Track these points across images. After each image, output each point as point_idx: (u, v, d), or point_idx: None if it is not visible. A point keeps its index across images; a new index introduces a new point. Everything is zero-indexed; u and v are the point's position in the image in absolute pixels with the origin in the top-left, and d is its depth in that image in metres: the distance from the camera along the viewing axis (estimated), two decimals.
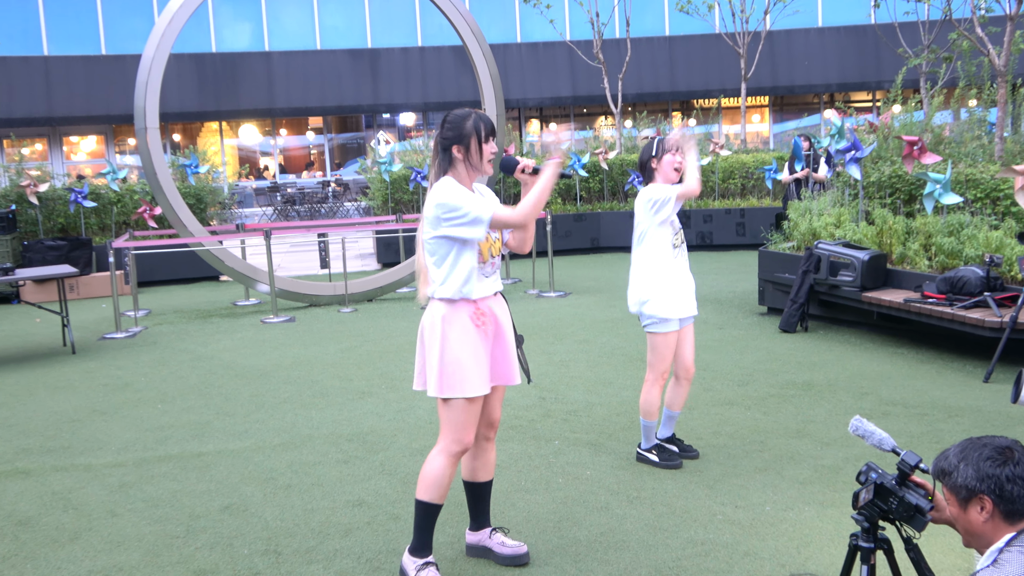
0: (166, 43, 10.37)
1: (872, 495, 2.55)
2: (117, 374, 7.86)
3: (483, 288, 3.68)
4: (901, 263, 8.07)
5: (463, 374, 3.59)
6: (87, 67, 25.76)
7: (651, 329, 4.91)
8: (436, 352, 3.61)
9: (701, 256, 14.30)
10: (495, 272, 3.77)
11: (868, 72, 28.03)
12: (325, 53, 27.28)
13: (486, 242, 3.67)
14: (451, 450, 3.67)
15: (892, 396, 6.23)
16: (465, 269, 3.62)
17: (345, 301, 11.18)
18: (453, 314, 3.62)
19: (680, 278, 4.90)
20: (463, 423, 3.65)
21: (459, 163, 3.67)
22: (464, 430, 3.66)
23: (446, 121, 3.70)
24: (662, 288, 4.83)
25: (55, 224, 13.90)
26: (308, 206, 25.75)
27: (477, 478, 3.94)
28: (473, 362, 3.61)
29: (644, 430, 5.04)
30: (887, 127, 9.67)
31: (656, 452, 5.05)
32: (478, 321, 3.64)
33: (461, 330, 3.61)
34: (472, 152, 3.65)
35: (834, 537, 4.02)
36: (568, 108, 30.04)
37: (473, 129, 3.65)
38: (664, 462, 4.98)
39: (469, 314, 3.63)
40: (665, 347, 4.88)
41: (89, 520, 4.57)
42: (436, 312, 3.66)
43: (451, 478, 3.70)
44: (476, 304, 3.66)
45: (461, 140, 3.65)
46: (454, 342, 3.60)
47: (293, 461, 5.35)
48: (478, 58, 11.84)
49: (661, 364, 4.90)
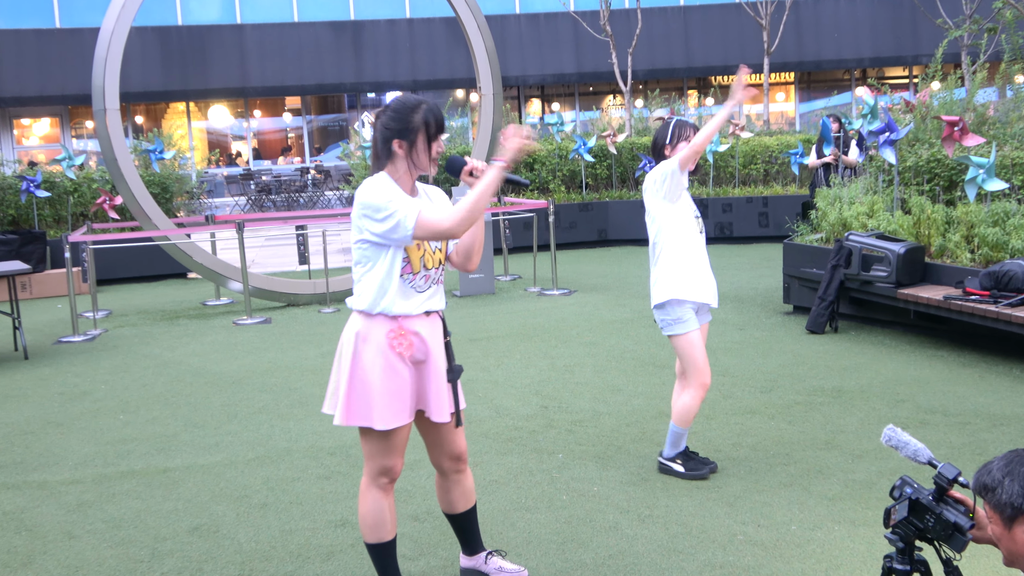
0: (127, 15, 10.38)
1: (907, 512, 2.56)
2: (74, 381, 7.86)
3: (408, 305, 3.50)
4: (940, 256, 8.08)
5: (370, 402, 3.46)
6: (39, 41, 25.75)
7: (669, 332, 4.93)
8: (345, 373, 3.50)
9: (720, 249, 14.32)
10: (432, 288, 3.59)
11: (904, 45, 28.05)
12: (303, 26, 27.28)
13: (418, 250, 3.52)
14: (378, 482, 3.59)
15: (930, 403, 6.24)
16: (384, 279, 3.47)
17: (326, 300, 11.19)
18: (368, 331, 3.49)
19: (701, 262, 4.92)
20: (382, 451, 3.55)
21: (399, 159, 3.52)
22: (385, 457, 3.55)
23: (390, 108, 3.54)
24: (679, 268, 4.86)
25: (5, 216, 13.91)
26: (285, 195, 25.78)
27: (456, 509, 3.88)
28: (383, 389, 3.46)
29: (672, 436, 5.07)
30: (925, 106, 9.68)
31: (682, 460, 5.07)
32: (395, 343, 3.48)
33: (375, 351, 3.47)
34: (418, 149, 3.51)
35: (866, 559, 4.03)
36: (572, 86, 30.08)
37: (422, 123, 3.50)
38: (691, 472, 5.00)
39: (386, 333, 3.48)
40: (691, 347, 4.90)
41: (44, 543, 4.57)
42: (352, 326, 3.54)
43: (391, 509, 3.64)
44: (398, 323, 3.50)
45: (405, 134, 3.50)
46: (366, 364, 3.47)
47: (269, 477, 5.36)
48: (472, 31, 11.85)
49: (697, 372, 4.92)
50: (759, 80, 21.92)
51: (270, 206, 25.58)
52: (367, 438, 3.54)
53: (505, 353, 8.15)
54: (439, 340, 3.60)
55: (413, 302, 3.52)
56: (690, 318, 4.89)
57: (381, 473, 3.57)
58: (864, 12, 28.21)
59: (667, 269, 4.89)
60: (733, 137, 15.61)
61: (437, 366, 3.57)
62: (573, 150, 15.15)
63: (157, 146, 14.67)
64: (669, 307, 4.89)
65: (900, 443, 2.66)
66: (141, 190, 10.75)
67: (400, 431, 3.54)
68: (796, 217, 11.89)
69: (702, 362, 4.93)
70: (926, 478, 2.79)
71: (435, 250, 3.59)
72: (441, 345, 3.61)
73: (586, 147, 15.03)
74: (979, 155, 8.03)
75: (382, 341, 3.47)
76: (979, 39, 17.30)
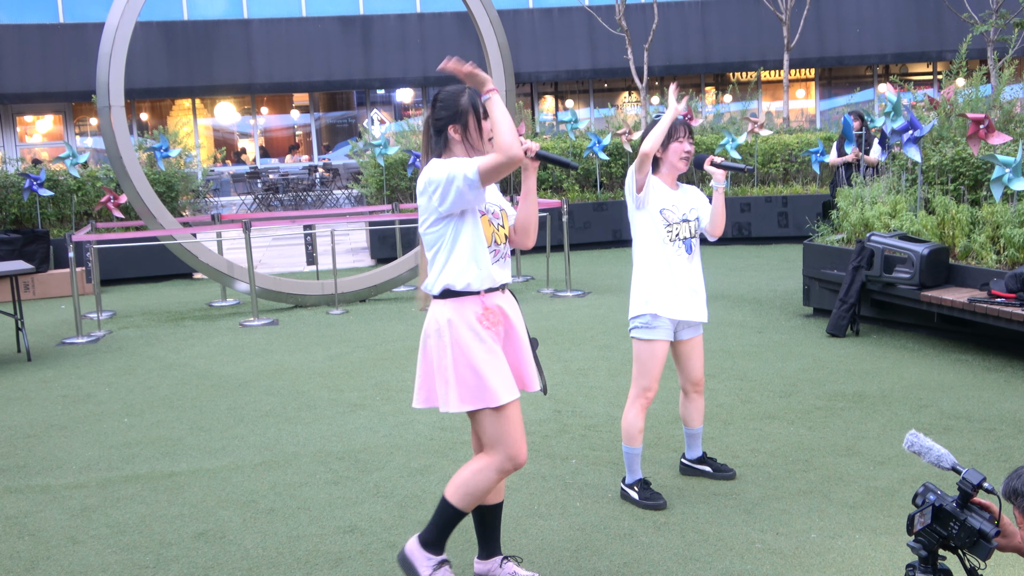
0: (132, 10, 10.42)
1: (930, 519, 2.56)
2: (78, 384, 7.91)
3: (489, 276, 3.67)
4: (965, 258, 8.06)
5: (481, 382, 3.60)
6: (43, 37, 25.87)
7: (633, 334, 4.81)
8: (447, 361, 3.62)
9: (738, 250, 14.30)
10: (501, 262, 3.77)
11: (928, 40, 27.94)
12: (311, 21, 27.34)
13: (489, 225, 3.70)
14: (504, 468, 3.68)
15: (955, 409, 6.23)
16: (467, 250, 3.63)
17: (335, 302, 11.22)
18: (458, 315, 3.63)
19: (677, 276, 4.76)
20: (506, 436, 3.65)
21: (456, 144, 3.70)
22: (513, 444, 3.66)
23: (438, 100, 3.72)
24: (650, 283, 4.76)
25: (7, 215, 13.98)
26: (293, 194, 25.83)
27: (486, 500, 3.93)
28: (490, 367, 3.61)
29: (626, 459, 4.89)
30: (949, 103, 9.65)
31: (638, 489, 4.86)
32: (484, 320, 3.65)
33: (470, 332, 3.62)
34: (471, 130, 3.68)
35: (888, 568, 4.03)
36: (587, 83, 30.06)
37: (470, 104, 3.68)
38: (644, 501, 4.80)
39: (476, 315, 3.63)
40: (649, 357, 4.75)
41: (47, 548, 4.60)
42: (439, 315, 3.66)
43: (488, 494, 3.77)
44: (482, 301, 3.66)
45: (458, 118, 3.68)
46: (465, 346, 3.61)
47: (276, 482, 5.38)
48: (484, 26, 11.86)
49: (642, 378, 4.78)
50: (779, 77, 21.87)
51: (277, 205, 25.64)
52: (484, 421, 3.66)
53: None
54: (518, 313, 3.82)
55: (491, 271, 3.69)
56: (660, 327, 4.74)
57: (508, 459, 3.68)
58: (887, 6, 28.12)
59: (638, 282, 4.80)
60: (752, 135, 15.59)
61: (521, 337, 3.79)
62: (587, 148, 15.14)
63: (162, 144, 14.71)
64: (641, 316, 4.79)
65: (922, 448, 2.66)
66: (146, 188, 10.79)
67: (515, 407, 3.68)
68: (816, 217, 11.87)
69: (651, 376, 4.76)
70: (950, 485, 2.79)
71: (498, 227, 3.76)
72: (520, 317, 3.83)
73: (601, 145, 15.02)
74: (1005, 154, 8.00)
75: (472, 320, 3.63)
76: (1006, 34, 17.24)
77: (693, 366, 4.96)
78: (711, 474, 5.16)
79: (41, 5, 26.46)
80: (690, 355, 4.93)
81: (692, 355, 4.94)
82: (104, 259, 12.73)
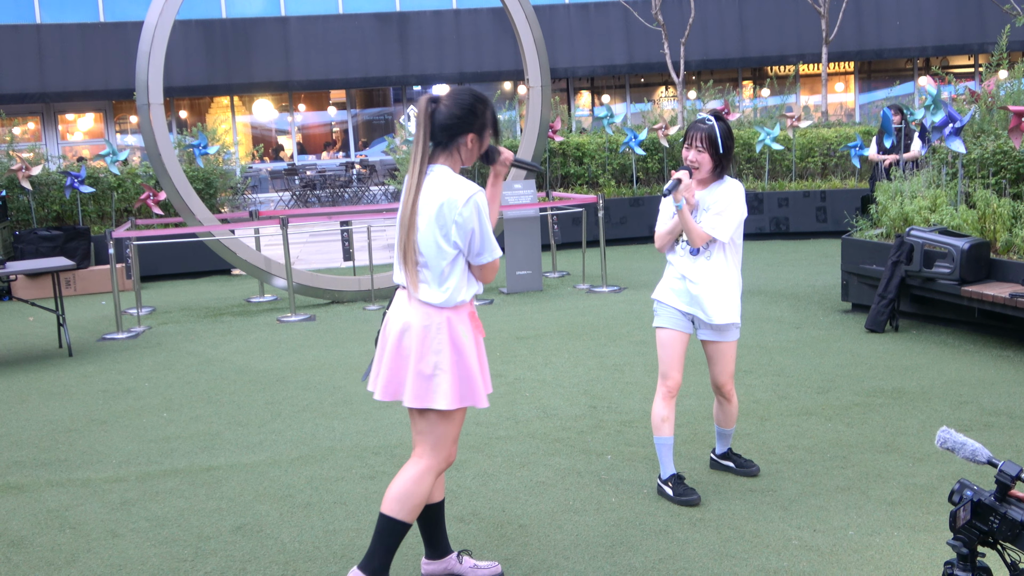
0: (171, 8, 10.52)
1: (970, 515, 2.53)
2: (118, 379, 8.00)
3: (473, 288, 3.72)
4: (1007, 252, 7.97)
5: (473, 383, 3.65)
6: (84, 36, 26.19)
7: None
8: (447, 359, 3.60)
9: (775, 245, 14.21)
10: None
11: (969, 33, 27.60)
12: (348, 18, 27.47)
13: None
14: (440, 469, 3.73)
15: (995, 405, 6.16)
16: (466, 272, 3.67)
17: (371, 297, 11.27)
18: (458, 318, 3.64)
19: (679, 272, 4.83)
20: (453, 438, 3.74)
21: (458, 153, 3.61)
22: (454, 446, 3.77)
23: (460, 100, 3.55)
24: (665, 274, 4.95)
25: (49, 212, 14.17)
26: (330, 191, 25.98)
27: (432, 498, 3.94)
28: (482, 369, 3.71)
29: (657, 450, 4.91)
30: (991, 96, 9.54)
31: (672, 484, 4.85)
32: (474, 328, 3.71)
33: (468, 335, 3.65)
34: (482, 147, 3.66)
35: (927, 566, 3.99)
36: (623, 78, 29.97)
37: (491, 121, 3.63)
38: (678, 497, 4.78)
39: (469, 316, 3.69)
40: (660, 344, 4.86)
41: (88, 541, 4.66)
42: (433, 314, 3.61)
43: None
44: (470, 307, 3.72)
45: (481, 130, 3.61)
46: (464, 347, 3.63)
47: (313, 477, 5.42)
48: (520, 21, 11.86)
49: (661, 365, 4.86)
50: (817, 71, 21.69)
51: (314, 201, 25.79)
52: (454, 422, 3.70)
53: (553, 352, 8.15)
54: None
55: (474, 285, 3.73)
56: (665, 314, 4.84)
57: (446, 459, 3.75)
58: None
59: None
60: (791, 129, 15.48)
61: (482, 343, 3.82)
62: (623, 143, 15.10)
63: (201, 141, 14.83)
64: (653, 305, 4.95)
65: (956, 444, 2.63)
66: (185, 186, 10.89)
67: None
68: (855, 212, 11.76)
69: (666, 364, 4.82)
70: (987, 481, 2.76)
71: None
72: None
73: (637, 140, 14.97)
74: None
75: (467, 322, 3.66)
76: None
77: (717, 370, 4.97)
78: (734, 470, 5.15)
79: (82, 4, 26.77)
80: (714, 358, 4.94)
81: (716, 359, 4.94)
82: (144, 255, 12.86)
